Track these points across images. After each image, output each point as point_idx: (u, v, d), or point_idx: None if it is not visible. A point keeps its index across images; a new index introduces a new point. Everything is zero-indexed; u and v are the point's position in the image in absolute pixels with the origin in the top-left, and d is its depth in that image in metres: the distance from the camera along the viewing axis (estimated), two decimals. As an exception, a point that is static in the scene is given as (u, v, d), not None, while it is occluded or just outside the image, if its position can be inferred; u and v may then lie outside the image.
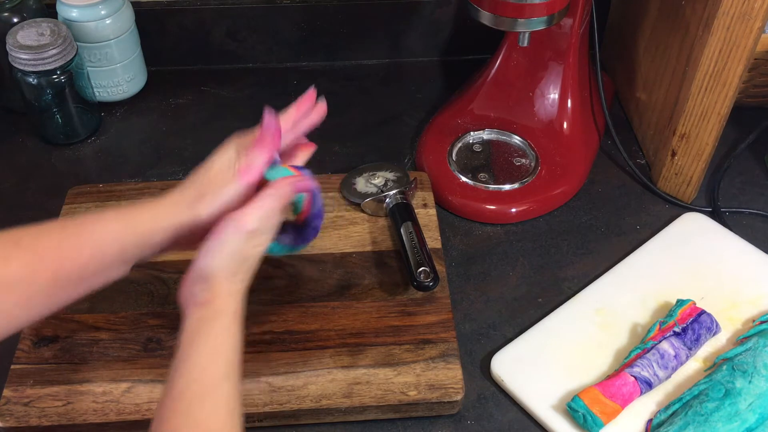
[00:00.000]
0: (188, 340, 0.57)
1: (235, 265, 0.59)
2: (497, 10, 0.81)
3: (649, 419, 0.71)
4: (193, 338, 0.58)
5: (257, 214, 0.60)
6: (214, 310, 0.58)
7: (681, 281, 0.82)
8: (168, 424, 0.54)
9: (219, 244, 0.59)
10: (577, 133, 0.96)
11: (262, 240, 0.61)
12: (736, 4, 0.77)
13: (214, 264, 0.59)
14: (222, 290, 0.59)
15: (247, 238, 0.59)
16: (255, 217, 0.59)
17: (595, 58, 0.96)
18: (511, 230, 0.90)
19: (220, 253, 0.59)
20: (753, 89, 1.01)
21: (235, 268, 0.59)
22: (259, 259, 0.62)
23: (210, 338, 0.58)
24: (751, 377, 0.71)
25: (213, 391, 0.56)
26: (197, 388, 0.55)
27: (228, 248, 0.59)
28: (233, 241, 0.59)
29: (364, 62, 1.12)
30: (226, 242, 0.59)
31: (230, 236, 0.59)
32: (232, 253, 0.59)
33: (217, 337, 0.58)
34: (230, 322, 0.59)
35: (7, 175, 0.95)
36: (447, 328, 0.77)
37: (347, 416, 0.72)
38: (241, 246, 0.59)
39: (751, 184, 0.96)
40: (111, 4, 0.96)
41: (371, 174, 0.91)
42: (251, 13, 1.06)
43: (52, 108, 0.96)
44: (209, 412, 0.55)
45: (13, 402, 0.70)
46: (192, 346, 0.57)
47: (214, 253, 0.59)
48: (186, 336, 0.58)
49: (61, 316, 0.77)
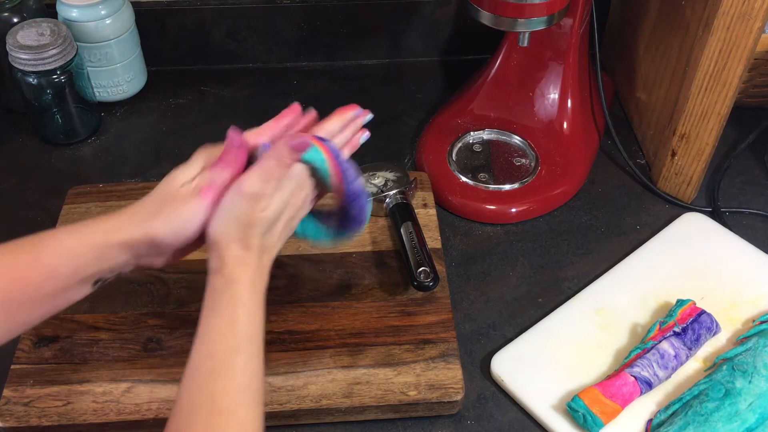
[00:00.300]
0: (204, 312, 0.57)
1: (240, 231, 0.58)
2: (497, 10, 0.81)
3: (649, 419, 0.71)
4: (206, 310, 0.57)
5: (256, 174, 0.58)
6: (224, 280, 0.57)
7: (681, 281, 0.82)
8: (185, 400, 0.54)
9: (222, 209, 0.58)
10: (577, 133, 0.96)
11: (269, 205, 0.59)
12: (736, 4, 0.77)
13: (218, 230, 0.58)
14: (229, 257, 0.57)
15: (249, 200, 0.58)
16: (254, 179, 0.58)
17: (595, 58, 0.96)
18: (511, 230, 0.90)
19: (222, 218, 0.58)
20: (753, 89, 1.01)
21: (240, 234, 0.58)
22: (275, 226, 0.60)
23: (221, 310, 0.56)
24: (751, 377, 0.71)
25: (225, 367, 0.54)
26: (210, 364, 0.54)
27: (230, 213, 0.58)
28: (234, 204, 0.58)
29: (364, 62, 1.12)
30: (228, 207, 0.58)
31: (231, 200, 0.58)
32: (235, 217, 0.58)
33: (227, 307, 0.57)
34: (243, 291, 0.57)
35: (7, 175, 0.95)
36: (447, 328, 0.77)
37: (347, 416, 0.72)
38: (243, 210, 0.58)
39: (751, 184, 0.96)
40: (111, 4, 0.96)
41: (371, 174, 0.90)
42: (251, 13, 1.06)
43: (52, 108, 0.96)
44: (223, 389, 0.53)
45: (13, 402, 0.70)
46: (205, 318, 0.56)
47: (218, 219, 0.58)
48: (203, 308, 0.57)
49: (61, 316, 0.76)
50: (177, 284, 0.80)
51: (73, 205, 0.87)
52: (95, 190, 0.89)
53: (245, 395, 0.54)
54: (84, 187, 0.89)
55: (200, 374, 0.54)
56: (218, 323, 0.56)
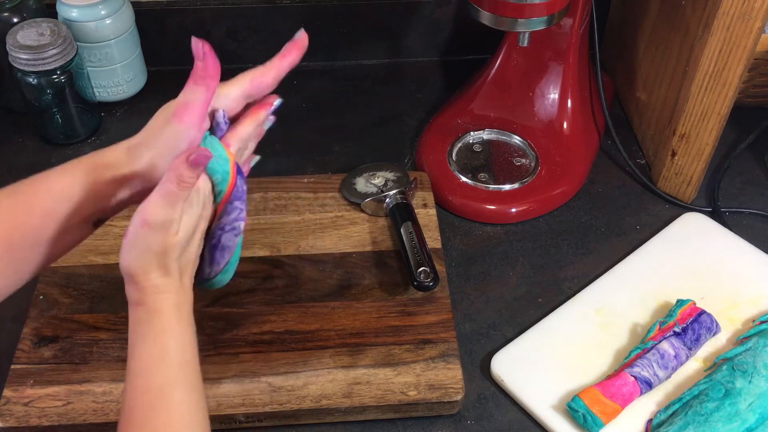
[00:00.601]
0: (131, 345, 0.54)
1: (156, 259, 0.54)
2: (497, 10, 0.81)
3: (649, 419, 0.71)
4: (133, 344, 0.54)
5: (160, 202, 0.53)
6: (146, 311, 0.54)
7: (681, 281, 0.82)
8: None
9: (128, 242, 0.54)
10: (577, 133, 0.96)
11: (179, 228, 0.55)
12: (736, 4, 0.77)
13: (130, 263, 0.54)
14: (148, 288, 0.54)
15: (159, 230, 0.54)
16: (158, 208, 0.53)
17: (595, 58, 0.96)
18: (511, 230, 0.90)
19: (131, 251, 0.54)
20: (753, 89, 1.01)
21: (155, 263, 0.54)
22: (190, 245, 0.56)
23: (148, 342, 0.54)
24: (751, 377, 0.71)
25: (162, 402, 0.52)
26: (147, 399, 0.52)
27: (138, 244, 0.54)
28: (141, 235, 0.53)
29: (364, 62, 1.12)
30: (135, 239, 0.54)
31: (137, 232, 0.54)
32: (148, 248, 0.54)
33: (155, 340, 0.54)
34: (169, 321, 0.54)
35: (7, 175, 0.95)
36: (447, 328, 0.77)
37: (347, 416, 0.72)
38: (154, 240, 0.54)
39: (751, 184, 0.96)
40: (111, 4, 0.96)
41: (371, 174, 0.91)
42: (251, 13, 1.06)
43: (52, 108, 0.96)
44: (164, 425, 0.51)
45: (13, 402, 0.70)
46: (134, 351, 0.54)
47: (127, 252, 0.54)
48: (129, 341, 0.54)
49: (61, 316, 0.77)
50: (177, 284, 0.79)
51: (73, 205, 0.87)
52: (95, 190, 0.89)
53: (190, 430, 0.52)
54: (84, 187, 0.89)
55: (139, 412, 0.52)
56: (148, 356, 0.54)
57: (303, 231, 0.85)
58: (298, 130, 1.02)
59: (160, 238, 0.54)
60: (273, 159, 0.97)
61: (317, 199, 0.88)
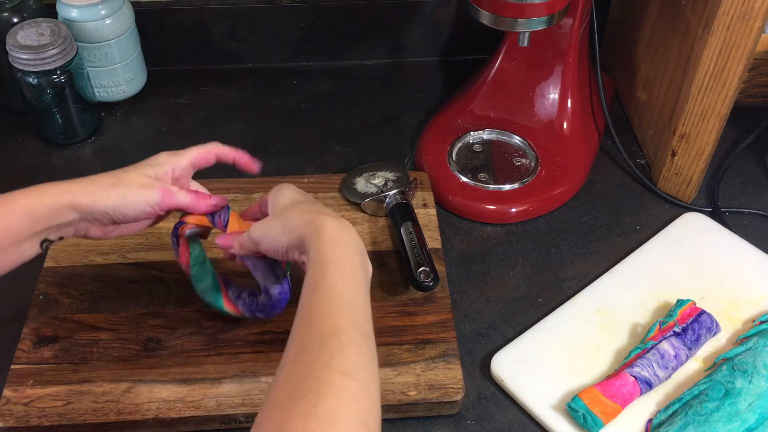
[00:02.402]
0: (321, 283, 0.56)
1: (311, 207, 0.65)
2: (497, 10, 0.81)
3: (649, 419, 0.71)
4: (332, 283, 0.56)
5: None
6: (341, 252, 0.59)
7: (681, 281, 0.82)
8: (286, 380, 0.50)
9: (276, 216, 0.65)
10: (577, 133, 0.96)
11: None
12: (736, 4, 0.77)
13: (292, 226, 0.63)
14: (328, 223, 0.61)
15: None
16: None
17: (595, 58, 0.96)
18: (511, 230, 0.90)
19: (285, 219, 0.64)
20: (753, 89, 1.01)
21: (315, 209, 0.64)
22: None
23: (348, 280, 0.57)
24: (751, 377, 0.71)
25: (354, 337, 0.52)
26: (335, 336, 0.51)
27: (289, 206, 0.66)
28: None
29: (364, 62, 1.12)
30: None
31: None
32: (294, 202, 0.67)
33: (353, 278, 0.57)
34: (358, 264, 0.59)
35: (7, 175, 0.95)
36: (447, 328, 0.77)
37: (347, 416, 0.72)
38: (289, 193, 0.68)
39: (751, 184, 0.96)
40: (111, 4, 0.96)
41: (371, 174, 0.91)
42: (251, 13, 1.06)
43: (52, 108, 0.96)
44: (353, 363, 0.50)
45: (13, 402, 0.70)
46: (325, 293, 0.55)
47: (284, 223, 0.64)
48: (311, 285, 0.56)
49: (61, 316, 0.77)
50: (177, 284, 0.79)
51: (73, 205, 0.87)
52: (95, 190, 0.89)
53: (371, 369, 0.52)
54: (84, 187, 0.89)
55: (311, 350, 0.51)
56: (352, 291, 0.56)
57: (303, 231, 0.85)
58: (298, 130, 1.02)
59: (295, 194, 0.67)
60: (273, 159, 0.97)
61: (317, 199, 0.88)
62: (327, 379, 0.49)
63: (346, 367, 0.50)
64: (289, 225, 0.63)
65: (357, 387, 0.50)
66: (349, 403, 0.48)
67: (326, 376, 0.49)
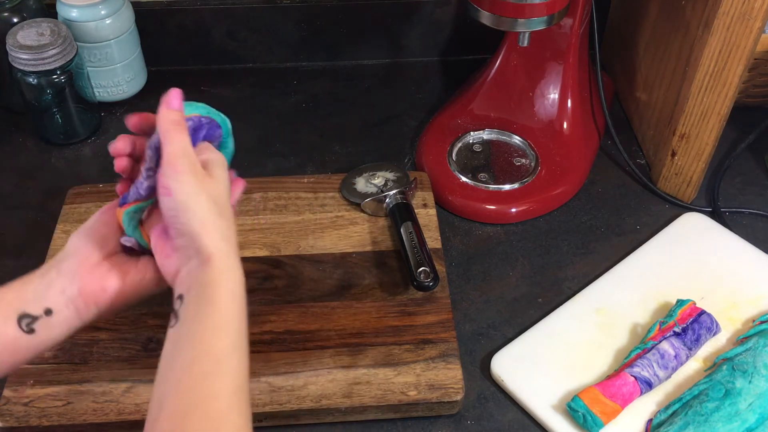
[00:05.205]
0: (191, 313, 0.54)
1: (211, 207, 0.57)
2: (497, 10, 0.81)
3: (649, 419, 0.71)
4: (197, 306, 0.54)
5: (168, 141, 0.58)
6: (213, 270, 0.55)
7: (681, 281, 0.82)
8: (173, 403, 0.51)
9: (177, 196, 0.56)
10: (577, 133, 0.96)
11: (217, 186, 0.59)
12: (736, 4, 0.77)
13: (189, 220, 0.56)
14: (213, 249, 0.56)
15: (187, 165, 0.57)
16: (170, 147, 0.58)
17: (595, 58, 0.96)
18: (511, 230, 0.90)
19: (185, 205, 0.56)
20: (753, 89, 1.01)
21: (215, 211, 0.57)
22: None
23: (218, 304, 0.54)
24: (751, 377, 0.71)
25: (222, 366, 0.52)
26: (206, 364, 0.52)
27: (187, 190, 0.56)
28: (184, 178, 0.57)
29: (364, 62, 1.12)
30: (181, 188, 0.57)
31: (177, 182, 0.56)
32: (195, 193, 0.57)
33: (224, 302, 0.55)
34: (234, 284, 0.56)
35: (7, 175, 0.95)
36: (447, 328, 0.77)
37: (347, 416, 0.72)
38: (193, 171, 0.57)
39: (751, 184, 0.96)
40: (111, 4, 0.96)
41: (371, 174, 0.91)
42: (251, 13, 1.06)
43: (52, 108, 0.96)
44: (218, 392, 0.51)
45: (13, 402, 0.70)
46: (197, 317, 0.54)
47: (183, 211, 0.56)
48: (188, 305, 0.55)
49: (61, 316, 0.77)
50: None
51: (73, 205, 0.87)
52: (95, 190, 0.89)
53: (238, 398, 0.52)
54: (84, 187, 0.89)
55: (192, 375, 0.52)
56: (215, 318, 0.54)
57: (303, 231, 0.85)
58: (298, 130, 1.02)
59: (199, 182, 0.56)
60: (273, 159, 0.98)
61: (317, 199, 0.88)
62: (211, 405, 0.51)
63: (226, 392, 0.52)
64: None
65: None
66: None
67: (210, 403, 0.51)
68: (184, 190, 0.56)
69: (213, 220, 0.56)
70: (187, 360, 0.53)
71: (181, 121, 0.60)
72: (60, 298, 0.59)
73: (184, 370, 0.52)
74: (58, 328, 0.59)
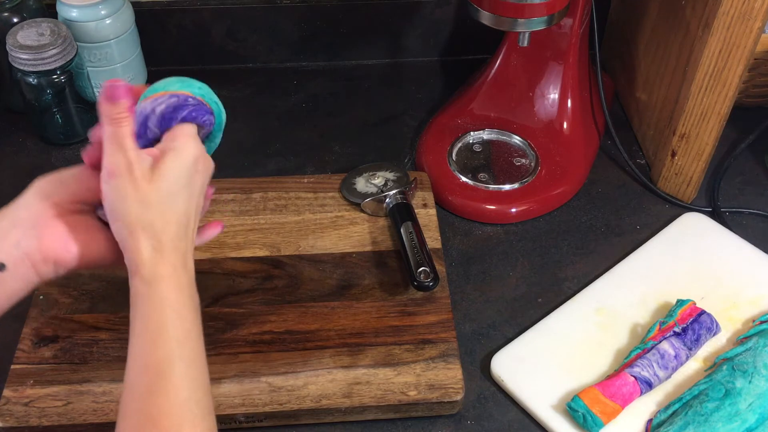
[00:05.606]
0: (131, 321, 0.52)
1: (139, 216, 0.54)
2: (497, 10, 0.81)
3: (649, 419, 0.71)
4: (132, 319, 0.52)
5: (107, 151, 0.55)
6: (142, 281, 0.53)
7: (681, 281, 0.82)
8: (126, 423, 0.49)
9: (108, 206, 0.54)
10: (577, 133, 0.96)
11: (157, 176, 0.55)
12: (736, 4, 0.77)
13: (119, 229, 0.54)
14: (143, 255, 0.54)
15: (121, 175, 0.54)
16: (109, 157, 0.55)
17: (595, 58, 0.96)
18: (511, 230, 0.90)
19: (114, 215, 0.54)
20: (753, 89, 1.01)
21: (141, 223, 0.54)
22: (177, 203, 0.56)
23: (145, 317, 0.52)
24: (751, 377, 0.71)
25: (162, 381, 0.50)
26: (145, 379, 0.50)
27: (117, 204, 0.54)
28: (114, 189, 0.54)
29: (364, 62, 1.12)
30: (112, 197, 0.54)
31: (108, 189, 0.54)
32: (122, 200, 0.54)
33: (152, 313, 0.52)
34: (167, 291, 0.53)
35: (7, 175, 0.95)
36: (447, 328, 0.77)
37: (347, 416, 0.72)
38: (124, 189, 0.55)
39: (751, 184, 0.96)
40: (111, 4, 0.96)
41: (371, 174, 0.91)
42: (251, 13, 1.06)
43: (52, 108, 0.96)
44: (162, 408, 0.49)
45: (13, 402, 0.70)
46: (132, 328, 0.52)
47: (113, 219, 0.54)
48: (130, 322, 0.52)
49: (61, 316, 0.77)
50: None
51: (73, 205, 0.87)
52: (95, 190, 0.89)
53: (188, 410, 0.50)
54: (84, 187, 0.89)
55: (137, 393, 0.50)
56: (146, 331, 0.52)
57: (303, 231, 0.85)
58: (298, 130, 1.02)
59: (130, 186, 0.53)
60: (273, 159, 0.98)
61: (317, 199, 0.88)
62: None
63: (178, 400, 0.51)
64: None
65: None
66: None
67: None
68: (112, 196, 0.54)
69: (142, 229, 0.53)
70: (131, 377, 0.51)
71: (121, 117, 0.56)
72: (14, 251, 0.54)
73: (131, 389, 0.51)
74: (13, 284, 0.55)
